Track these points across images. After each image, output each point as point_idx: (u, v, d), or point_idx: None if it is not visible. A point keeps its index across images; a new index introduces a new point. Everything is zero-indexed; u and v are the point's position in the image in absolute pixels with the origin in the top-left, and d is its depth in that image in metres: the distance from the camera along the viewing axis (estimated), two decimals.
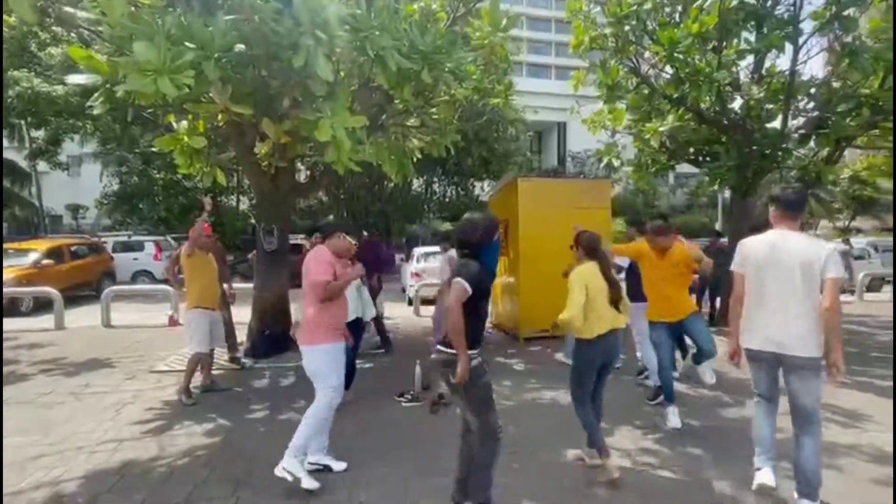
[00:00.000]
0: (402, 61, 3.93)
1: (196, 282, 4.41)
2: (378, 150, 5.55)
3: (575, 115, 8.63)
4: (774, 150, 6.87)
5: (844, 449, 3.43)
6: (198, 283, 4.41)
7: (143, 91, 3.16)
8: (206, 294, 4.46)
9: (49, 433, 3.64)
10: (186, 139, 5.04)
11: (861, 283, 10.98)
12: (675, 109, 7.45)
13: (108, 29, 3.57)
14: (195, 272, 4.43)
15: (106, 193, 20.07)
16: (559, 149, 33.90)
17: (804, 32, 6.33)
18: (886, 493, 2.86)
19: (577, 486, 2.92)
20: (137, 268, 14.11)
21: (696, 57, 6.57)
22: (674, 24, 6.90)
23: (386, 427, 3.80)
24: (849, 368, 5.38)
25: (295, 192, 7.14)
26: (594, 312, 2.93)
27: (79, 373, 5.20)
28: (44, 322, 7.85)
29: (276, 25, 3.51)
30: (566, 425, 3.82)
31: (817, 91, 6.76)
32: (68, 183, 25.33)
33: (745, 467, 2.94)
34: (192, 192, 18.18)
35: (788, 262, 2.54)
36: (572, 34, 7.68)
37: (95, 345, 6.42)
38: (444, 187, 22.23)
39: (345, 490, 2.90)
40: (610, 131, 8.41)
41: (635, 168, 8.69)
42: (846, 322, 8.26)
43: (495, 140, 17.58)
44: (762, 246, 2.68)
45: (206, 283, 4.48)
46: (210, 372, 4.65)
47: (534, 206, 6.59)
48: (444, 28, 5.08)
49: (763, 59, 7.40)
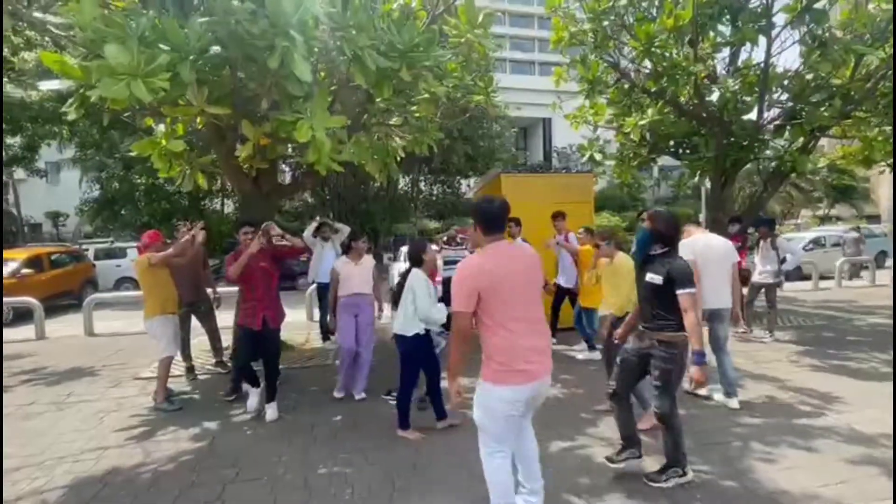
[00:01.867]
0: (380, 60, 3.93)
1: (157, 289, 4.32)
2: (360, 149, 5.54)
3: (558, 111, 8.69)
4: (751, 141, 7.01)
5: (819, 431, 3.52)
6: (160, 291, 4.34)
7: (117, 96, 3.12)
8: (169, 301, 4.43)
9: (28, 444, 3.59)
10: (164, 143, 4.98)
11: (840, 270, 11.24)
12: (654, 103, 7.55)
13: (79, 32, 3.52)
14: (157, 280, 4.35)
15: (86, 200, 19.72)
16: (545, 145, 34.03)
17: (777, 25, 6.45)
18: (859, 471, 2.96)
19: (562, 472, 2.97)
20: (120, 274, 13.88)
21: (673, 51, 6.66)
22: (651, 18, 6.98)
23: (372, 425, 3.81)
24: (823, 352, 5.57)
25: (277, 194, 7.08)
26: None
27: (60, 382, 5.12)
28: (24, 332, 7.70)
29: (250, 26, 3.49)
30: (550, 414, 3.88)
31: (790, 83, 6.89)
32: (47, 190, 24.81)
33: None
34: (175, 197, 17.94)
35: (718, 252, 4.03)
36: (553, 30, 7.74)
37: (78, 353, 6.32)
38: (430, 186, 22.25)
39: (331, 488, 2.91)
40: (592, 126, 8.48)
41: (618, 162, 8.79)
42: (827, 307, 8.47)
43: (480, 137, 17.65)
44: (700, 244, 4.08)
45: (168, 291, 4.43)
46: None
47: (517, 202, 6.57)
48: (423, 26, 5.09)
49: (738, 52, 7.53)
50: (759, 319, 6.77)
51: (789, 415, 3.84)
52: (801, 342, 6.12)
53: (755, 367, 5.12)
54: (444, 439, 3.52)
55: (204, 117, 4.44)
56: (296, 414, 4.13)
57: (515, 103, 19.03)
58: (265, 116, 4.23)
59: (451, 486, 2.90)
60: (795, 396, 4.24)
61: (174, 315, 4.51)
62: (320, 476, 3.06)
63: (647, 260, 2.83)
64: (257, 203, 6.12)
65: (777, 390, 4.40)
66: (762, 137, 7.18)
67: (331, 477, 3.05)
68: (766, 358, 5.45)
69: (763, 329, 6.45)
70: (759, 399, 4.19)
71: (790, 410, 3.93)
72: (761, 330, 6.45)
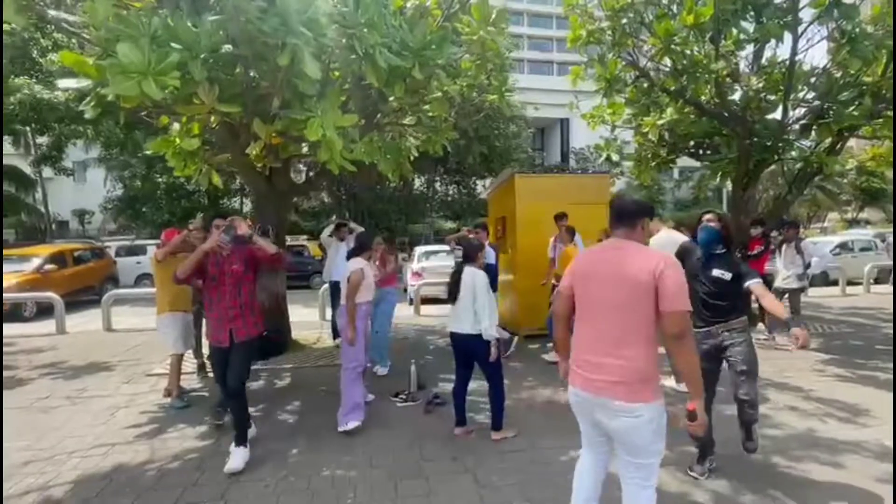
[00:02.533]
0: (391, 58, 3.89)
1: (167, 286, 4.29)
2: (370, 148, 5.51)
3: (574, 111, 8.55)
4: (775, 141, 6.77)
5: (845, 445, 3.35)
6: (169, 287, 4.30)
7: (128, 93, 3.14)
8: (178, 298, 4.43)
9: (42, 438, 3.64)
10: (179, 141, 5.03)
11: (868, 276, 10.83)
12: (674, 102, 7.35)
13: (94, 31, 3.56)
14: (167, 277, 4.35)
15: (110, 198, 20.25)
16: (562, 146, 33.71)
17: (804, 21, 6.21)
18: (889, 491, 2.79)
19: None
20: (140, 271, 14.17)
21: (694, 48, 6.47)
22: (671, 15, 6.80)
23: (379, 428, 3.76)
24: (851, 361, 5.33)
25: (292, 193, 7.13)
26: None
27: (77, 377, 5.21)
28: (46, 327, 7.89)
29: (261, 24, 3.48)
30: (561, 424, 3.78)
31: (817, 80, 6.63)
32: (74, 188, 25.58)
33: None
34: (195, 196, 18.28)
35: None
36: (570, 29, 7.61)
37: (95, 349, 6.44)
38: (445, 186, 22.22)
39: (332, 490, 2.87)
40: (609, 126, 8.32)
41: (636, 163, 8.60)
42: (854, 314, 8.14)
43: (496, 137, 17.53)
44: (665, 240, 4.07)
45: (178, 288, 4.32)
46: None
47: (531, 203, 6.54)
48: (437, 24, 5.03)
49: (762, 49, 7.29)
50: (783, 326, 6.53)
51: (814, 427, 3.66)
52: (826, 350, 5.88)
53: (778, 375, 4.93)
54: (451, 445, 3.45)
55: (217, 116, 4.46)
56: (303, 415, 4.10)
57: (533, 103, 18.87)
58: (277, 115, 4.22)
59: (455, 492, 2.83)
60: (820, 408, 4.05)
61: (185, 312, 4.52)
62: (324, 478, 3.02)
63: (710, 258, 3.00)
64: (271, 202, 6.16)
65: (801, 401, 4.22)
66: (787, 137, 6.92)
67: (334, 480, 3.01)
68: (789, 366, 5.24)
69: (786, 336, 6.21)
70: (782, 410, 4.02)
71: (815, 423, 3.75)
72: (785, 337, 6.22)
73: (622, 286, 1.88)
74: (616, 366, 1.88)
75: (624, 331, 1.89)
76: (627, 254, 1.93)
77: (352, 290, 3.77)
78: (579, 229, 5.66)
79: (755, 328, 6.68)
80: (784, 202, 7.76)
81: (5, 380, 5.10)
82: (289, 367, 5.49)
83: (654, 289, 1.82)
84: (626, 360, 1.87)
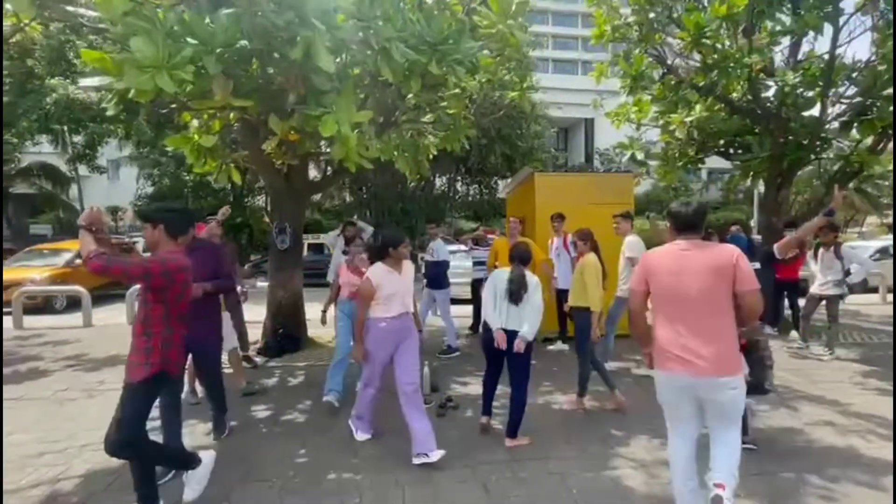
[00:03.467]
0: (408, 53, 3.80)
1: None
2: (386, 146, 5.44)
3: (598, 110, 8.32)
4: (812, 139, 6.40)
5: (887, 466, 3.07)
6: None
7: (141, 87, 3.14)
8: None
9: (56, 430, 3.68)
10: (197, 138, 5.06)
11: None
12: (703, 99, 7.05)
13: (110, 27, 3.58)
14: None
15: (140, 195, 20.86)
16: (587, 146, 33.15)
17: (845, 12, 5.86)
18: None
19: (587, 495, 2.73)
20: None
21: (726, 42, 6.19)
22: (701, 8, 6.52)
23: (389, 430, 3.67)
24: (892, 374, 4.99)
25: (309, 190, 7.13)
26: None
27: (97, 369, 5.29)
28: (75, 319, 8.11)
29: (275, 18, 3.44)
30: (578, 433, 3.63)
31: (859, 75, 6.25)
32: (108, 186, 26.48)
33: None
34: (221, 194, 18.65)
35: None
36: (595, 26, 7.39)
37: (117, 342, 6.54)
38: (466, 186, 22.08)
39: (339, 493, 2.79)
40: (635, 124, 8.05)
41: (662, 162, 8.30)
42: (876, 323, 7.67)
43: (518, 137, 17.32)
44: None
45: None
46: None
47: (551, 202, 6.34)
48: (455, 18, 4.92)
49: (800, 43, 6.93)
50: (818, 334, 6.18)
51: (853, 445, 3.40)
52: (866, 361, 5.52)
53: (813, 387, 4.63)
54: (463, 451, 3.33)
55: (237, 112, 4.46)
56: (312, 414, 4.05)
57: (557, 103, 18.60)
58: (293, 111, 4.19)
59: (462, 499, 2.72)
60: (860, 424, 3.77)
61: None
62: (330, 481, 2.95)
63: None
64: (289, 199, 6.16)
65: (838, 415, 3.94)
66: (825, 136, 6.55)
67: (340, 483, 2.93)
68: (825, 378, 4.93)
69: (822, 345, 5.87)
70: (817, 425, 3.76)
71: (854, 440, 3.49)
72: (820, 346, 5.88)
73: (711, 275, 2.19)
74: (714, 347, 2.16)
75: (715, 315, 2.19)
76: (710, 249, 2.27)
77: (363, 303, 3.26)
78: (600, 231, 5.42)
79: (788, 336, 6.35)
80: (821, 204, 7.36)
81: (28, 371, 5.23)
82: (302, 364, 5.46)
83: (733, 275, 2.16)
84: (722, 340, 2.18)
